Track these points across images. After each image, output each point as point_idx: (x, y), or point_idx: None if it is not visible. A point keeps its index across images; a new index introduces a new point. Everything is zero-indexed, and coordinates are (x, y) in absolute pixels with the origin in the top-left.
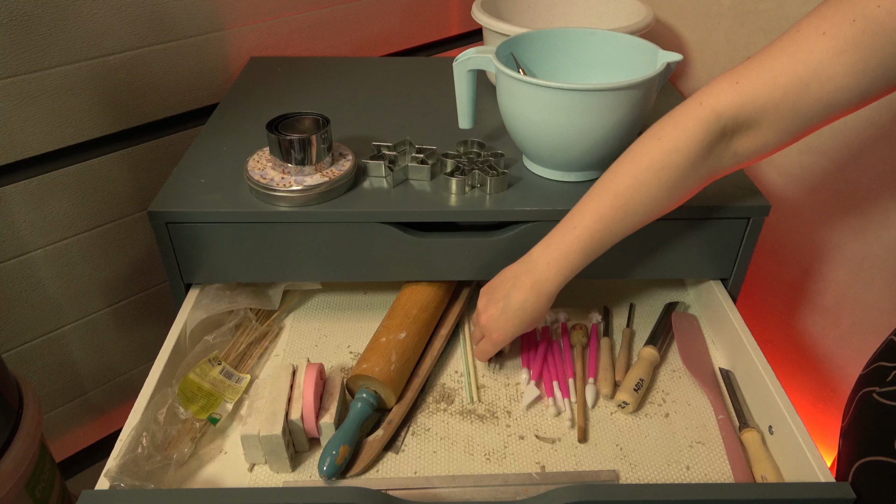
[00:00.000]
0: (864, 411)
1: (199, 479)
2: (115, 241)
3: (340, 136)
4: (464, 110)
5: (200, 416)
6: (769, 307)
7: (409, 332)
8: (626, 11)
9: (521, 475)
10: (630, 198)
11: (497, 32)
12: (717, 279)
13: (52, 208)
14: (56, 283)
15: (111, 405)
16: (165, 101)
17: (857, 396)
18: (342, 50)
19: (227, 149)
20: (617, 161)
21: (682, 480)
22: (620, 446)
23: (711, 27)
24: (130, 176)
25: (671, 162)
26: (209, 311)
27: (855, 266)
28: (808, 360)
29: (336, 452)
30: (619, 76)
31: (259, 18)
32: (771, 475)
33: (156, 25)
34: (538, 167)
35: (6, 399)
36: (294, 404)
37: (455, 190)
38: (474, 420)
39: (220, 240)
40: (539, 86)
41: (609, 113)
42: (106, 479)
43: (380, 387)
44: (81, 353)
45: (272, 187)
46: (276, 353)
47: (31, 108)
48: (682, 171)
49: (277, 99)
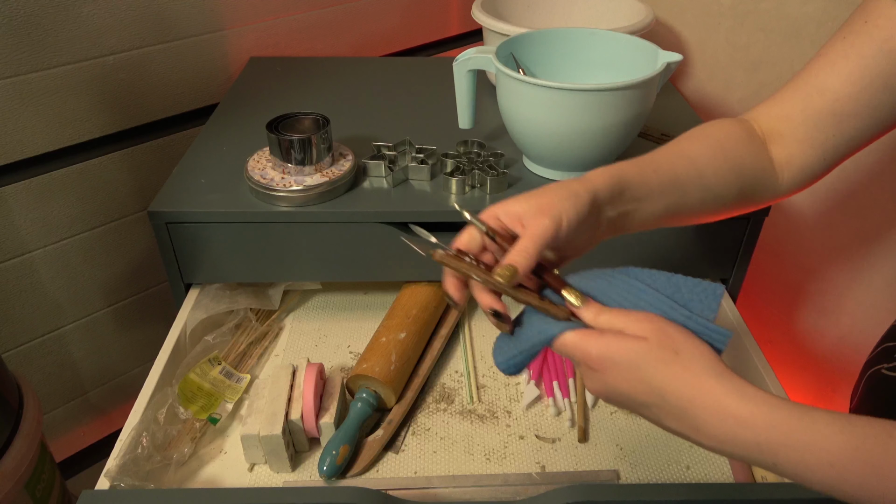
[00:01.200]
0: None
1: (199, 479)
2: (115, 241)
3: (340, 136)
4: (464, 110)
5: (200, 416)
6: (769, 307)
7: (409, 332)
8: (626, 11)
9: (521, 475)
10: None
11: (497, 32)
12: (717, 279)
13: (52, 208)
14: (56, 283)
15: (111, 405)
16: (165, 101)
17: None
18: (342, 50)
19: (227, 149)
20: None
21: (682, 480)
22: (620, 446)
23: (711, 27)
24: (130, 176)
25: (718, 136)
26: (209, 311)
27: (855, 266)
28: (808, 360)
29: (336, 452)
30: (619, 76)
31: (259, 18)
32: (771, 475)
33: (156, 25)
34: (538, 167)
35: (6, 399)
36: (294, 404)
37: (455, 190)
38: (474, 420)
39: (220, 240)
40: (539, 86)
41: (609, 113)
42: (106, 479)
43: (380, 387)
44: (81, 353)
45: (272, 187)
46: (276, 353)
47: (32, 108)
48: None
49: (277, 99)
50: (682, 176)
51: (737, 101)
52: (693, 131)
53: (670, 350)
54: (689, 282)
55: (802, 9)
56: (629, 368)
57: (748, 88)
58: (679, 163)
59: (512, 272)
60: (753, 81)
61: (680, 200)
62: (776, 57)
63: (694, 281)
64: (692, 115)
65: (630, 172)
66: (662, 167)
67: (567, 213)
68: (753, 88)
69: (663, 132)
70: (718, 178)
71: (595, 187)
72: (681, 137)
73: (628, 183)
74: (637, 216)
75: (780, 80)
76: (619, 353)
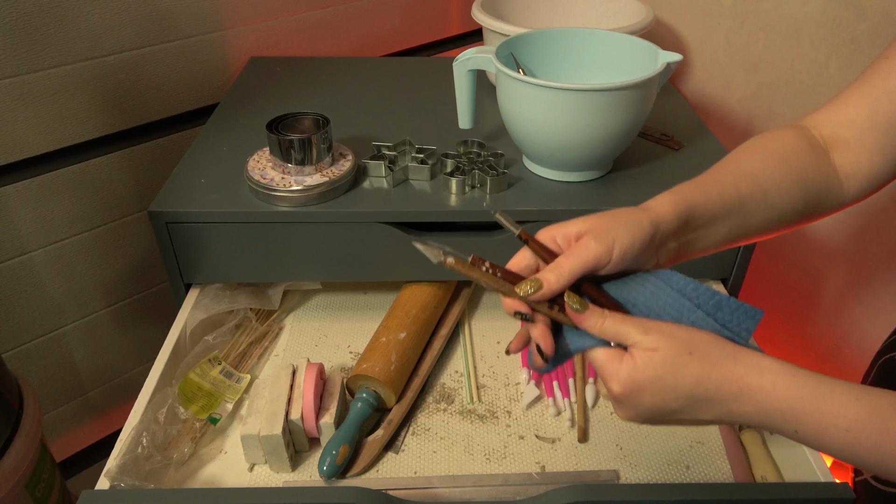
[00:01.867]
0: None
1: (199, 479)
2: (115, 241)
3: (340, 136)
4: (464, 110)
5: (200, 416)
6: (769, 307)
7: (409, 332)
8: (626, 11)
9: (521, 475)
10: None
11: (497, 32)
12: (717, 279)
13: (52, 208)
14: (56, 283)
15: (111, 405)
16: (165, 101)
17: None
18: (342, 50)
19: (227, 149)
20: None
21: (682, 480)
22: (620, 446)
23: (711, 27)
24: (130, 176)
25: (780, 149)
26: (209, 311)
27: (855, 266)
28: (808, 360)
29: (336, 452)
30: (619, 76)
31: (259, 18)
32: (771, 475)
33: (156, 25)
34: (538, 167)
35: (6, 399)
36: (294, 404)
37: (455, 190)
38: (474, 420)
39: (220, 240)
40: (539, 86)
41: (609, 113)
42: (106, 479)
43: (380, 387)
44: (81, 353)
45: (272, 187)
46: (276, 353)
47: (31, 108)
48: (794, 162)
49: (277, 99)
50: (746, 197)
51: (737, 101)
52: (752, 144)
53: (684, 353)
54: (732, 302)
55: (802, 9)
56: (654, 384)
57: (748, 88)
58: (743, 182)
59: (536, 287)
60: (753, 81)
61: (744, 222)
62: (776, 57)
63: (737, 302)
64: (692, 115)
65: (695, 199)
66: (727, 190)
67: (621, 241)
68: (753, 88)
69: (663, 132)
70: (783, 195)
71: (659, 218)
72: (739, 151)
73: (694, 212)
74: (699, 243)
75: (780, 79)
76: (641, 375)
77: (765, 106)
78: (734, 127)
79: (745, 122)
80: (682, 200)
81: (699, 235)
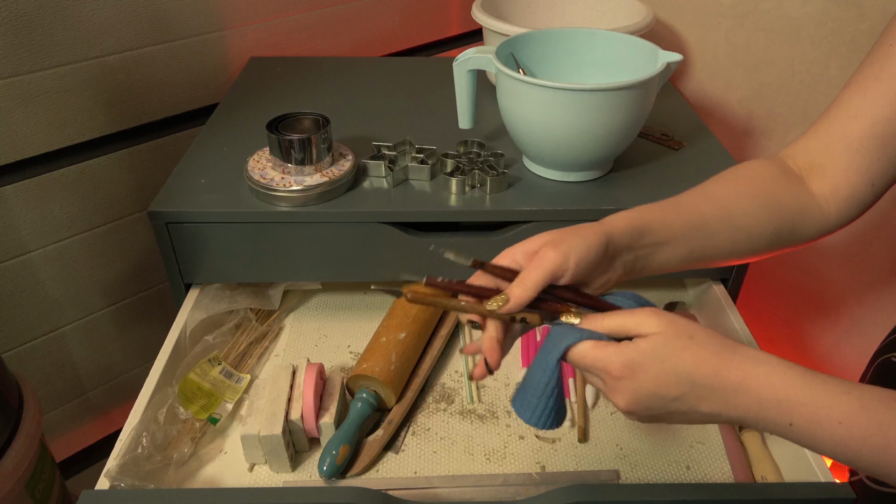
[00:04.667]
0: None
1: (199, 479)
2: (115, 241)
3: (340, 136)
4: (464, 110)
5: (200, 416)
6: (769, 307)
7: (409, 332)
8: (626, 11)
9: (521, 475)
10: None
11: (497, 32)
12: (717, 279)
13: (52, 208)
14: (56, 283)
15: (111, 405)
16: (165, 101)
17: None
18: (342, 50)
19: (227, 149)
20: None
21: (682, 480)
22: (620, 446)
23: (711, 27)
24: (130, 176)
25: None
26: (209, 311)
27: (855, 266)
28: (808, 360)
29: (336, 452)
30: (619, 76)
31: (259, 18)
32: (771, 475)
33: (156, 25)
34: (538, 167)
35: (6, 399)
36: (294, 404)
37: (455, 190)
38: (474, 420)
39: (220, 240)
40: (539, 86)
41: (609, 113)
42: (106, 479)
43: (380, 387)
44: (81, 353)
45: (272, 187)
46: (276, 353)
47: (31, 108)
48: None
49: (277, 99)
50: (707, 216)
51: (737, 101)
52: (722, 173)
53: (685, 336)
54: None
55: (802, 9)
56: (654, 364)
57: (748, 88)
58: (705, 204)
59: (503, 302)
60: (753, 81)
61: (707, 243)
62: (776, 57)
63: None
64: (692, 115)
65: (651, 216)
66: (686, 209)
67: (576, 251)
68: (753, 88)
69: (663, 132)
70: (750, 218)
71: (611, 230)
72: (709, 180)
73: (648, 226)
74: (656, 259)
75: (780, 79)
76: (641, 354)
77: (765, 106)
78: (734, 127)
79: (745, 122)
80: (637, 216)
81: (655, 251)
